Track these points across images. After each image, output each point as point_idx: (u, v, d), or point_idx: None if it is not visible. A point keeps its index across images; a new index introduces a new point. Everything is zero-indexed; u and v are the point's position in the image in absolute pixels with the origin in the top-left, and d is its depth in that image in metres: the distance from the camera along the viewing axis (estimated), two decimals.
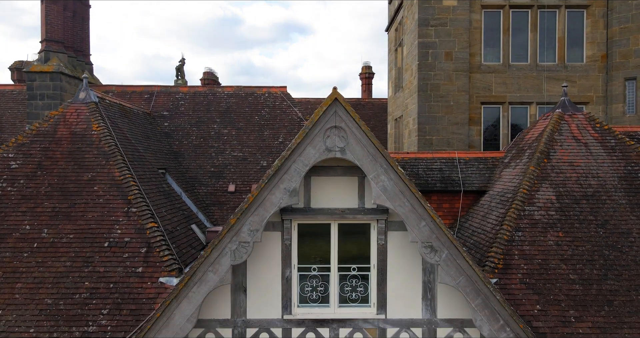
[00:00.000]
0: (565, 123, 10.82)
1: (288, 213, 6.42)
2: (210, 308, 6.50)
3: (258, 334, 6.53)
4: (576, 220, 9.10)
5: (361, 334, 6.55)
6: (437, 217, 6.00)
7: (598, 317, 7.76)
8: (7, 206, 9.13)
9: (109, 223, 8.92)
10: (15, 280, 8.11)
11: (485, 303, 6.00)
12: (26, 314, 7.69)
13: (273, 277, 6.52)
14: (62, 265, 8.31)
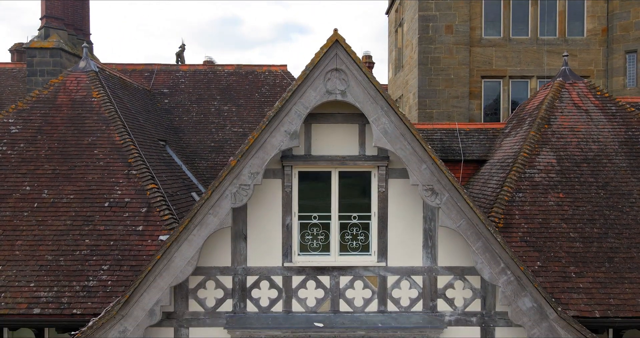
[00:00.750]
0: (566, 91, 10.79)
1: (289, 160, 6.41)
2: (211, 256, 6.49)
3: (258, 282, 6.52)
4: (577, 182, 9.09)
5: (362, 282, 6.54)
6: (438, 160, 5.99)
7: (598, 273, 7.75)
8: (6, 168, 9.12)
9: (109, 184, 8.91)
10: (15, 238, 8.10)
11: (485, 246, 5.99)
12: (26, 270, 7.69)
13: (273, 224, 6.51)
14: (63, 224, 8.29)
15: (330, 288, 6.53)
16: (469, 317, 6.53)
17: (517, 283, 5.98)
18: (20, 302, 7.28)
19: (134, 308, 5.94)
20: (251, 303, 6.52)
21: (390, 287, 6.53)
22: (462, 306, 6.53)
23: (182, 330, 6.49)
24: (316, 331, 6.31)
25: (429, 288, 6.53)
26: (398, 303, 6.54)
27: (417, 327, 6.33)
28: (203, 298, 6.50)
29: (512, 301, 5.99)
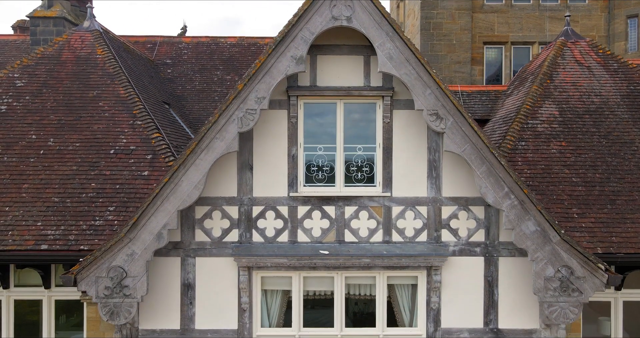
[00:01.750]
0: (568, 49, 10.83)
1: (294, 90, 6.46)
2: (217, 187, 6.55)
3: (264, 212, 6.58)
4: (579, 131, 9.14)
5: (367, 212, 6.60)
6: (443, 84, 6.04)
7: (601, 214, 7.82)
8: (12, 119, 9.18)
9: (115, 134, 8.97)
10: (21, 182, 8.16)
11: (489, 170, 6.05)
12: (33, 210, 7.75)
13: (279, 155, 6.57)
14: (69, 169, 8.36)
15: (335, 218, 6.59)
16: (473, 248, 6.59)
17: (521, 207, 6.04)
18: (28, 239, 7.35)
19: (141, 231, 5.99)
20: (257, 234, 6.58)
21: (395, 217, 6.59)
22: (466, 236, 6.59)
23: (188, 260, 6.55)
24: (322, 258, 6.37)
25: (434, 219, 6.59)
26: (403, 233, 6.60)
27: (421, 254, 6.39)
28: (209, 228, 6.56)
29: (515, 225, 6.05)
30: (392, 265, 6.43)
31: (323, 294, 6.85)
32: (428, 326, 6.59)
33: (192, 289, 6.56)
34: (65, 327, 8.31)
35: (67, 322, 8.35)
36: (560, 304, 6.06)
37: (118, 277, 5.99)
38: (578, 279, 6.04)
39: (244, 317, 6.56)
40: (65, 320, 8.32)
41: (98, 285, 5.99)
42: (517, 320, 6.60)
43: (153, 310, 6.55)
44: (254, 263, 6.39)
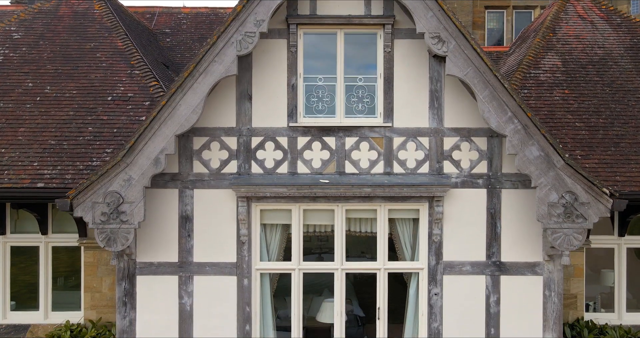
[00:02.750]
0: (571, 5, 10.72)
1: (294, 18, 6.35)
2: (215, 117, 6.44)
3: (263, 143, 6.48)
4: (582, 80, 9.04)
5: (367, 143, 6.49)
6: (445, 6, 5.94)
7: (604, 156, 7.72)
8: (9, 68, 9.08)
9: (112, 82, 8.87)
10: (18, 126, 8.07)
11: (492, 94, 5.93)
12: (30, 152, 7.66)
13: (279, 85, 6.45)
14: (65, 114, 8.26)
15: (335, 149, 6.48)
16: (475, 179, 6.49)
17: (524, 131, 5.93)
18: (24, 178, 7.26)
19: (138, 156, 5.89)
20: (256, 165, 6.47)
21: (396, 148, 6.49)
22: (468, 168, 6.49)
23: (186, 192, 6.45)
24: (322, 188, 6.27)
25: (435, 150, 6.49)
26: (404, 164, 6.50)
27: (423, 183, 6.29)
28: (207, 159, 6.46)
29: (519, 150, 5.94)
30: (394, 195, 6.32)
31: (323, 231, 6.75)
32: (430, 259, 6.49)
33: (190, 222, 6.46)
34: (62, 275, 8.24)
35: (64, 269, 8.27)
36: (564, 230, 5.96)
37: (115, 202, 5.88)
38: (582, 205, 5.94)
39: (242, 250, 6.46)
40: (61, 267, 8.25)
41: (94, 210, 5.89)
42: (519, 253, 6.50)
43: (151, 243, 6.45)
44: (253, 193, 6.29)
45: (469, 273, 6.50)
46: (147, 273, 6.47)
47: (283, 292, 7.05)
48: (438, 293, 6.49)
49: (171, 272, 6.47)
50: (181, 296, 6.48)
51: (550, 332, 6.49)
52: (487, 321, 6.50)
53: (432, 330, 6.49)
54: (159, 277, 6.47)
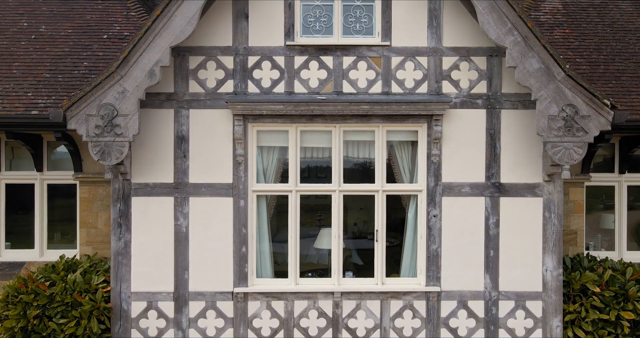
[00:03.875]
0: None
1: None
2: (211, 36, 6.36)
3: (260, 62, 6.39)
4: (583, 21, 8.94)
5: (365, 63, 6.40)
6: None
7: (605, 88, 7.64)
8: (4, 9, 8.99)
9: (108, 22, 8.78)
10: (12, 61, 7.98)
11: (492, 6, 5.83)
12: (24, 84, 7.57)
13: (275, 3, 6.35)
14: (61, 51, 8.17)
15: (333, 68, 6.40)
16: (475, 99, 6.41)
17: (524, 43, 5.84)
18: (18, 106, 7.17)
19: (133, 68, 5.80)
20: (252, 84, 6.39)
21: (394, 68, 6.40)
22: (467, 88, 6.41)
23: (182, 112, 6.37)
24: (319, 105, 6.19)
25: (434, 70, 6.40)
26: (402, 84, 6.41)
27: (422, 100, 6.21)
28: (203, 79, 6.38)
29: (518, 62, 5.85)
30: (392, 113, 6.24)
31: (321, 156, 6.68)
32: (428, 181, 6.42)
33: (186, 142, 6.38)
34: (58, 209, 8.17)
35: (60, 208, 8.20)
36: (564, 144, 5.88)
37: (109, 115, 5.80)
38: (583, 118, 5.86)
39: (239, 170, 6.38)
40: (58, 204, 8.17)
41: (88, 123, 5.81)
42: (519, 174, 6.42)
43: (146, 164, 6.38)
44: (249, 111, 6.21)
45: (468, 195, 6.43)
46: (142, 194, 6.39)
47: (279, 221, 6.96)
48: (437, 215, 6.41)
49: (166, 193, 6.39)
50: (177, 217, 6.40)
51: (550, 254, 6.41)
52: (486, 243, 6.43)
53: (430, 252, 6.42)
54: (154, 198, 6.40)
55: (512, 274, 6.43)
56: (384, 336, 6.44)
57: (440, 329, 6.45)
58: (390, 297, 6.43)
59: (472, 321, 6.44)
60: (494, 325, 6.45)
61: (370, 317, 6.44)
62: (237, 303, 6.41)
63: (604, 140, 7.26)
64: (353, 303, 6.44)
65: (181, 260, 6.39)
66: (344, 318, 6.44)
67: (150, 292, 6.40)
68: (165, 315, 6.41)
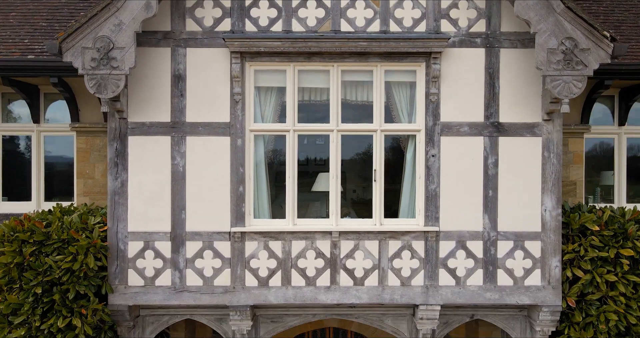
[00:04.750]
0: None
1: None
2: None
3: (258, 0, 6.34)
4: None
5: (363, 1, 6.33)
6: None
7: None
8: None
9: None
10: (9, 11, 7.95)
11: None
12: (20, 32, 7.54)
13: None
14: (58, 1, 8.15)
15: (331, 7, 6.35)
16: (474, 38, 6.36)
17: None
18: (14, 51, 7.14)
19: (129, 0, 5.76)
20: (250, 23, 6.34)
21: (392, 6, 6.35)
22: (466, 27, 6.36)
23: (179, 50, 6.33)
24: (317, 42, 6.15)
25: (432, 8, 6.35)
26: (401, 23, 6.37)
27: (420, 37, 6.17)
28: (201, 17, 6.33)
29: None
30: (390, 51, 6.20)
31: (319, 99, 6.64)
32: (427, 120, 6.38)
33: (183, 81, 6.33)
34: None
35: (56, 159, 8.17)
36: (563, 78, 5.84)
37: (105, 48, 5.76)
38: (582, 51, 5.82)
39: (236, 109, 6.34)
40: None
41: (84, 56, 5.76)
42: (518, 113, 6.38)
43: (143, 103, 6.33)
44: (247, 48, 6.16)
45: (467, 135, 6.39)
46: (138, 134, 6.35)
47: (277, 164, 6.94)
48: (435, 155, 6.38)
49: (163, 132, 6.35)
50: (173, 157, 6.36)
51: (549, 194, 6.38)
52: (485, 183, 6.40)
53: (429, 191, 6.38)
54: (151, 137, 6.36)
55: (511, 214, 6.39)
56: (382, 276, 6.41)
57: (439, 270, 6.42)
58: (389, 237, 6.40)
59: (471, 261, 6.41)
60: (492, 265, 6.42)
61: (369, 258, 6.41)
62: (234, 243, 6.38)
63: (603, 86, 7.25)
64: (351, 244, 6.40)
65: (178, 199, 6.36)
66: (342, 258, 6.41)
67: (147, 232, 6.37)
68: (162, 255, 6.38)
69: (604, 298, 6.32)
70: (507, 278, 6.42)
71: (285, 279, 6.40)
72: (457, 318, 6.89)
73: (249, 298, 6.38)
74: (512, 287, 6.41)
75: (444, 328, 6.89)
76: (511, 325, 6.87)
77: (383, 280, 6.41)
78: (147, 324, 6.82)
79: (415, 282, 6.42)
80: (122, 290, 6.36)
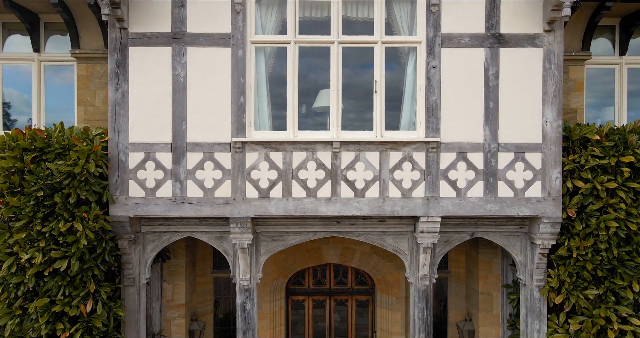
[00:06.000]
0: None
1: None
2: None
3: None
4: None
5: None
6: None
7: None
8: None
9: None
10: None
11: None
12: None
13: None
14: None
15: None
16: None
17: None
18: None
19: None
20: None
21: None
22: None
23: None
24: None
25: None
26: None
27: None
28: None
29: None
30: None
31: (319, 16, 6.63)
32: (428, 31, 6.37)
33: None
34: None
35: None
36: None
37: None
38: None
39: (237, 20, 6.33)
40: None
41: None
42: (519, 24, 6.38)
43: (144, 13, 6.32)
44: None
45: (468, 46, 6.39)
46: (139, 44, 6.35)
47: (278, 78, 6.89)
48: (436, 66, 6.38)
49: (164, 42, 6.35)
50: (174, 68, 6.36)
51: (550, 105, 6.39)
52: (485, 94, 6.40)
53: (430, 103, 6.38)
54: (151, 48, 6.35)
55: (511, 126, 6.40)
56: (383, 188, 6.42)
57: (440, 181, 6.43)
58: (390, 148, 6.41)
59: (472, 173, 6.42)
60: (493, 177, 6.43)
61: (369, 169, 6.42)
62: (235, 154, 6.38)
63: (604, 7, 7.23)
64: (352, 155, 6.41)
65: (179, 110, 6.36)
66: (343, 170, 6.41)
67: (148, 143, 6.37)
68: (163, 166, 6.39)
69: (604, 208, 6.33)
70: (508, 190, 6.43)
71: (286, 190, 6.40)
72: (457, 236, 6.90)
73: (250, 210, 6.39)
74: (512, 199, 6.42)
75: (445, 247, 6.90)
76: (512, 242, 6.89)
77: (384, 191, 6.42)
78: (147, 242, 6.84)
79: (416, 193, 6.43)
80: (122, 201, 6.37)
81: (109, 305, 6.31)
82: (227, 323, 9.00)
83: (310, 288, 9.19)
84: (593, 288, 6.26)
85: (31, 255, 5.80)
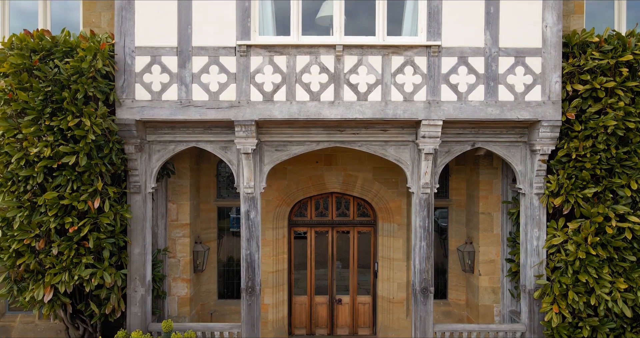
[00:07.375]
0: None
1: None
2: None
3: None
4: None
5: None
6: None
7: None
8: None
9: None
10: None
11: None
12: None
13: None
14: None
15: None
16: None
17: None
18: None
19: None
20: None
21: None
22: None
23: None
24: None
25: None
26: None
27: None
28: None
29: None
30: None
31: None
32: None
33: None
34: None
35: None
36: None
37: None
38: None
39: None
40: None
41: None
42: None
43: None
44: None
45: None
46: None
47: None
48: None
49: None
50: None
51: (550, 9, 6.48)
52: None
53: (431, 7, 6.47)
54: None
55: (512, 31, 6.49)
56: (385, 92, 6.51)
57: (441, 85, 6.53)
58: (392, 52, 6.50)
59: (472, 77, 6.52)
60: (493, 81, 6.52)
61: (372, 73, 6.51)
62: (239, 58, 6.47)
63: None
64: (354, 59, 6.50)
65: (184, 14, 6.44)
66: (346, 73, 6.51)
67: (154, 47, 6.47)
68: (168, 70, 6.48)
69: (602, 111, 6.43)
70: (508, 94, 6.52)
71: (290, 94, 6.50)
72: (458, 146, 7.00)
73: (254, 113, 6.49)
74: (512, 103, 6.52)
75: (446, 157, 7.01)
76: (512, 152, 6.99)
77: (386, 95, 6.52)
78: (153, 152, 6.94)
79: (418, 97, 6.53)
80: (129, 104, 6.47)
81: (115, 207, 6.42)
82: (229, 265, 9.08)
83: (312, 219, 9.29)
84: (592, 187, 6.37)
85: (40, 149, 5.90)
